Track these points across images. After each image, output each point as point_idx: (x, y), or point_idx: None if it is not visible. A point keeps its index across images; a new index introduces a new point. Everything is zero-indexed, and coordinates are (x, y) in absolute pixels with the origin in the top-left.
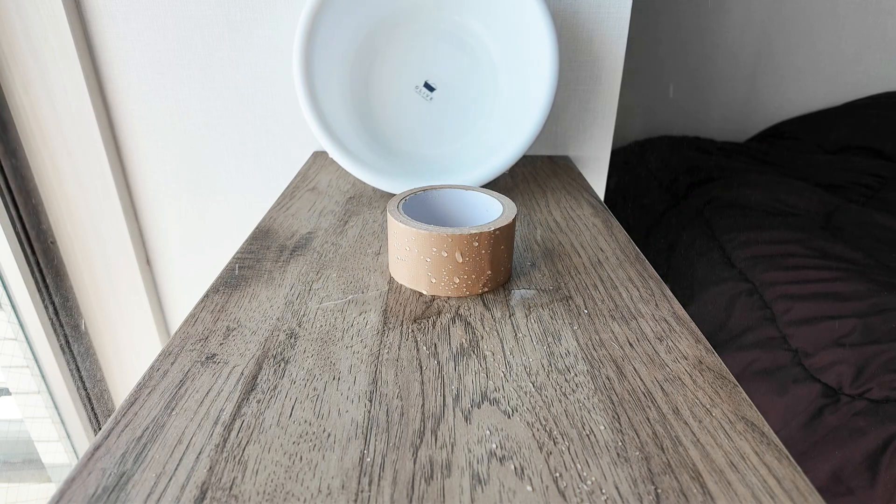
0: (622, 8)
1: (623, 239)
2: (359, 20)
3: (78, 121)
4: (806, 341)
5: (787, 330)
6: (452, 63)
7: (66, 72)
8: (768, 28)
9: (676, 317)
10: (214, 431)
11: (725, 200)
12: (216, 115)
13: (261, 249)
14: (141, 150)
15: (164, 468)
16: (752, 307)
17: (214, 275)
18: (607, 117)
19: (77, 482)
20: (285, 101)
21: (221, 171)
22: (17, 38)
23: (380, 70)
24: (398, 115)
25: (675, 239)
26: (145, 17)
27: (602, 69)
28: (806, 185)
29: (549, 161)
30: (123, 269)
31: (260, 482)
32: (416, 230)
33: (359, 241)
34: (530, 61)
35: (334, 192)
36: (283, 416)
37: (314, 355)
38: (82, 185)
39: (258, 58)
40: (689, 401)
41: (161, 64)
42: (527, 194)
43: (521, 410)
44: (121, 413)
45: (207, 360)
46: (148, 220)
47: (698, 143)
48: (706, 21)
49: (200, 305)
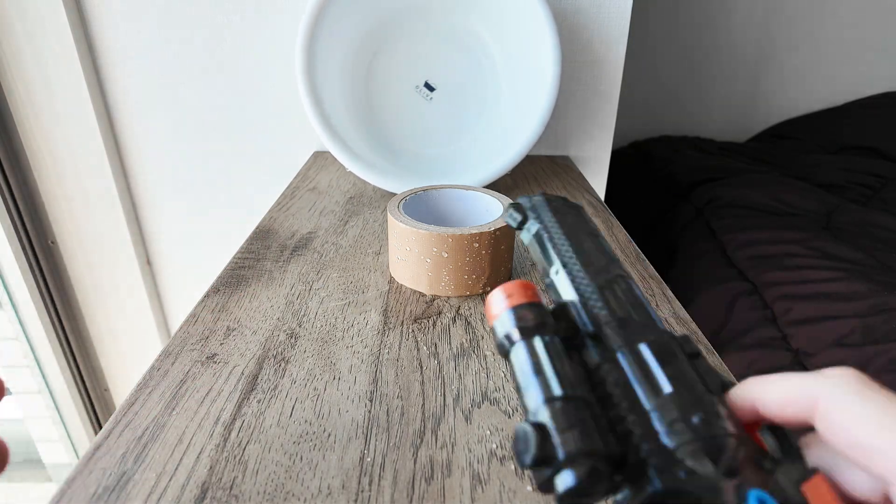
0: (623, 8)
1: (623, 239)
2: (360, 20)
3: (78, 121)
4: (807, 341)
5: (787, 330)
6: (453, 63)
7: (66, 72)
8: (769, 28)
9: (677, 317)
10: (215, 431)
11: (726, 200)
12: (216, 114)
13: (261, 249)
14: (141, 150)
15: (165, 468)
16: (752, 307)
17: (214, 275)
18: (608, 117)
19: (78, 482)
20: (286, 101)
21: (222, 170)
22: (18, 39)
23: (380, 69)
24: (398, 115)
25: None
26: (146, 18)
27: (603, 69)
28: (806, 185)
29: (550, 161)
30: (123, 269)
31: (260, 482)
32: (417, 230)
33: (359, 241)
34: (532, 63)
35: (335, 191)
36: (284, 415)
37: (314, 355)
38: (82, 185)
39: (258, 58)
40: None
41: (161, 64)
42: (527, 194)
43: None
44: (121, 413)
45: (208, 360)
46: (148, 220)
47: (699, 143)
48: (707, 21)
49: (201, 305)
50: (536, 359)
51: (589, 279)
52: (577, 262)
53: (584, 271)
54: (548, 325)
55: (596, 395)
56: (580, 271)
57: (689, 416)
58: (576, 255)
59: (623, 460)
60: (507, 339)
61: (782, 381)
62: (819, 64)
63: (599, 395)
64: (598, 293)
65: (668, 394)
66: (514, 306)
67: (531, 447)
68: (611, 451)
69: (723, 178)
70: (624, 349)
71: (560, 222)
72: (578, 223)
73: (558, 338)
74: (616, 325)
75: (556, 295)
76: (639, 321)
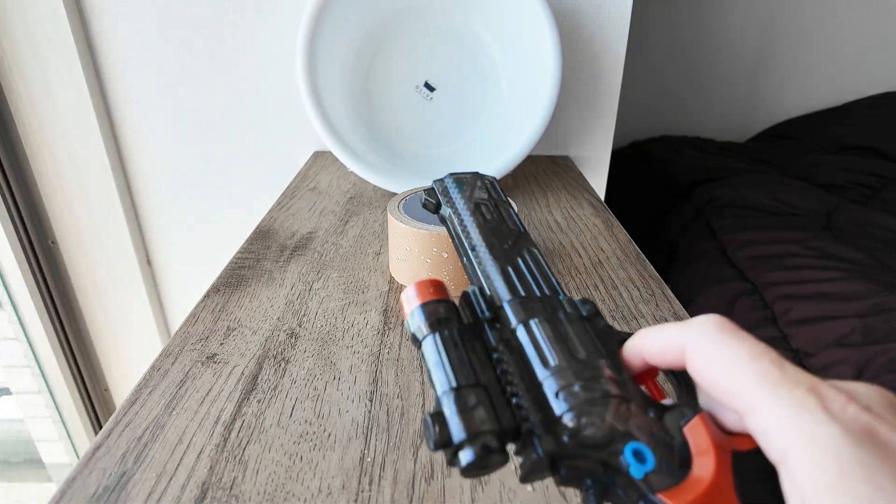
0: (623, 8)
1: (624, 239)
2: (360, 20)
3: (78, 121)
4: (807, 341)
5: (787, 330)
6: (453, 64)
7: (66, 72)
8: (769, 28)
9: (677, 317)
10: (215, 431)
11: (726, 200)
12: (217, 114)
13: (261, 249)
14: (141, 150)
15: (165, 468)
16: (752, 307)
17: (214, 275)
18: (608, 117)
19: (78, 482)
20: (286, 101)
21: (222, 170)
22: (19, 39)
23: (380, 69)
24: (398, 115)
25: (675, 239)
26: (146, 17)
27: (603, 69)
28: (806, 185)
29: (550, 161)
30: (123, 269)
31: (260, 482)
32: (417, 230)
33: (359, 241)
34: (532, 63)
35: (335, 191)
36: (284, 415)
37: (315, 355)
38: (83, 185)
39: (258, 58)
40: None
41: (161, 64)
42: (527, 194)
43: None
44: (121, 413)
45: (208, 360)
46: (148, 220)
47: (699, 143)
48: (707, 21)
49: (201, 305)
50: (438, 353)
51: (493, 260)
52: (482, 244)
53: (488, 253)
54: (451, 319)
55: (497, 374)
56: (485, 252)
57: (571, 385)
58: (481, 234)
59: (518, 432)
60: (417, 334)
61: (659, 331)
62: (819, 64)
63: (502, 373)
64: (500, 274)
65: (554, 366)
66: (423, 303)
67: (432, 434)
68: (504, 426)
69: (723, 178)
70: (518, 327)
71: (467, 201)
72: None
73: (465, 327)
74: (511, 305)
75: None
76: (539, 296)
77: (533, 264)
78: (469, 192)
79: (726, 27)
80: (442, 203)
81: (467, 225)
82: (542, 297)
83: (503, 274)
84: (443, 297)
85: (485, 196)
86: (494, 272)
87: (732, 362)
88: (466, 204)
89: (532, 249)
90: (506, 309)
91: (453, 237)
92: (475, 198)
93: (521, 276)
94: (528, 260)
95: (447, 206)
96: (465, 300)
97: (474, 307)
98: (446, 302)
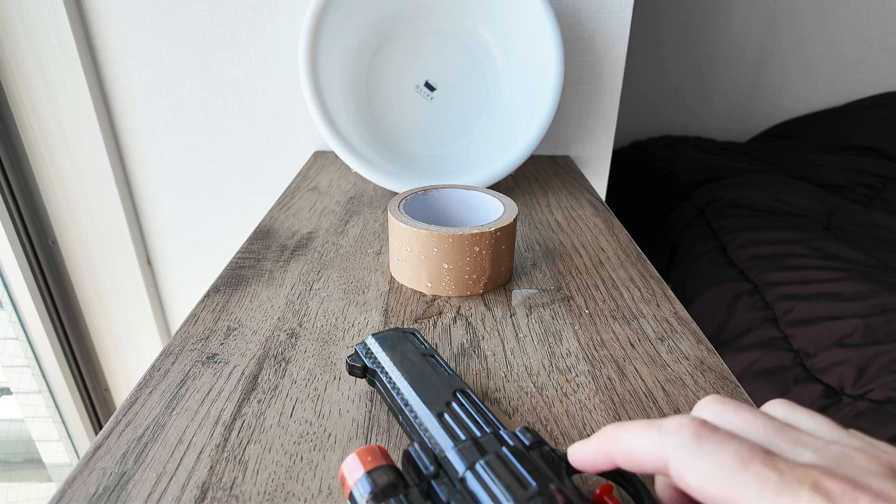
0: (624, 7)
1: (624, 239)
2: (361, 20)
3: (79, 121)
4: (807, 342)
5: (788, 330)
6: (454, 63)
7: (67, 71)
8: (770, 28)
9: (678, 317)
10: (215, 431)
11: (727, 200)
12: (217, 114)
13: (261, 249)
14: (142, 149)
15: (165, 468)
16: (753, 307)
17: (214, 275)
18: (609, 117)
19: (78, 482)
20: (286, 101)
21: (222, 170)
22: (19, 38)
23: (381, 69)
24: (399, 114)
25: (676, 239)
26: (146, 17)
27: (603, 69)
28: (807, 185)
29: (551, 161)
30: (123, 269)
31: (260, 482)
32: (417, 230)
33: (359, 241)
34: (533, 63)
35: (335, 191)
36: (284, 415)
37: (315, 355)
38: (83, 184)
39: (259, 57)
40: (691, 401)
41: (162, 63)
42: (528, 194)
43: (522, 411)
44: (121, 413)
45: (208, 360)
46: (148, 220)
47: (700, 143)
48: (708, 21)
49: (201, 305)
50: None
51: (427, 411)
52: (415, 397)
53: (422, 404)
54: (398, 484)
55: None
56: (419, 405)
57: None
58: (412, 388)
59: None
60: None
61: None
62: (820, 64)
63: None
64: (437, 424)
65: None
66: (367, 472)
67: None
68: None
69: (724, 178)
70: (466, 474)
71: (392, 358)
72: (413, 349)
73: (414, 490)
74: (455, 452)
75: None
76: (479, 435)
77: (469, 405)
78: (393, 348)
79: (728, 27)
80: (368, 365)
81: (396, 382)
82: (484, 437)
83: (440, 422)
84: (388, 463)
85: (409, 348)
86: (432, 423)
87: (725, 473)
88: (392, 360)
89: (465, 390)
90: (449, 458)
91: (384, 397)
92: (400, 352)
93: (459, 420)
94: (462, 402)
95: (374, 366)
96: (406, 459)
97: (417, 465)
98: (390, 467)
